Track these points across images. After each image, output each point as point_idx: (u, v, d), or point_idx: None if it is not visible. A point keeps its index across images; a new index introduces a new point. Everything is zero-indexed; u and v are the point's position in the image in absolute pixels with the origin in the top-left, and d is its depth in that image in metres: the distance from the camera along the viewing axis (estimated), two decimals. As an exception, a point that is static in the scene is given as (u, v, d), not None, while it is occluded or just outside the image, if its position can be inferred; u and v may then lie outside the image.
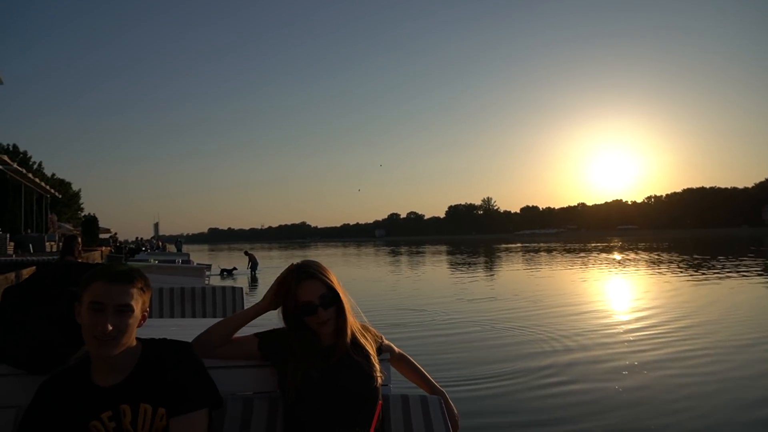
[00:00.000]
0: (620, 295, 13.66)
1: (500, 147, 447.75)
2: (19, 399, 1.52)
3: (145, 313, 1.48)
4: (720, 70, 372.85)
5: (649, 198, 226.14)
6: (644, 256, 30.07)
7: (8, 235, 12.41)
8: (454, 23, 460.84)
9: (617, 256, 30.92)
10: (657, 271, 19.96)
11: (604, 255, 31.89)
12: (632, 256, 30.44)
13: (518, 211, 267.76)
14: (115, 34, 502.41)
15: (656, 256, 28.78)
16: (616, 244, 53.88)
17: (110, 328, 1.35)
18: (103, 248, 20.85)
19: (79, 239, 5.56)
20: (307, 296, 1.70)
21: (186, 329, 2.16)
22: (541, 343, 7.26)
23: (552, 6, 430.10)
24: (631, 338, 7.56)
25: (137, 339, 1.51)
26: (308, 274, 1.73)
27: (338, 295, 1.74)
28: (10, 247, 12.94)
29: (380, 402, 1.62)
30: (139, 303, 1.44)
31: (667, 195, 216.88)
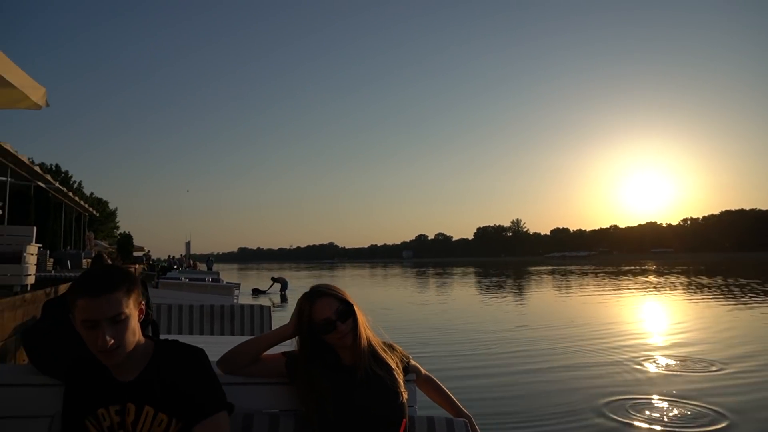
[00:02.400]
0: (690, 324, 11.41)
1: (530, 168, 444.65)
2: (55, 408, 1.58)
3: (142, 307, 1.45)
4: (761, 90, 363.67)
5: (684, 220, 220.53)
6: (694, 279, 27.63)
7: (48, 252, 12.83)
8: (481, 38, 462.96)
9: (659, 279, 29.11)
10: (717, 296, 17.34)
11: (644, 278, 30.31)
12: (675, 279, 28.56)
13: (548, 233, 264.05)
14: (153, 66, 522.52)
15: (708, 281, 26.34)
16: (652, 267, 51.45)
17: (111, 341, 1.33)
18: (137, 266, 21.29)
19: (105, 255, 5.74)
20: (323, 314, 1.73)
21: (213, 346, 2.19)
22: (615, 377, 6.34)
23: (584, 22, 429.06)
24: (726, 377, 6.31)
25: (150, 338, 1.53)
26: (320, 293, 1.77)
27: (352, 306, 1.77)
28: (50, 263, 13.37)
29: (405, 420, 1.61)
30: (130, 304, 1.40)
31: (704, 217, 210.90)
